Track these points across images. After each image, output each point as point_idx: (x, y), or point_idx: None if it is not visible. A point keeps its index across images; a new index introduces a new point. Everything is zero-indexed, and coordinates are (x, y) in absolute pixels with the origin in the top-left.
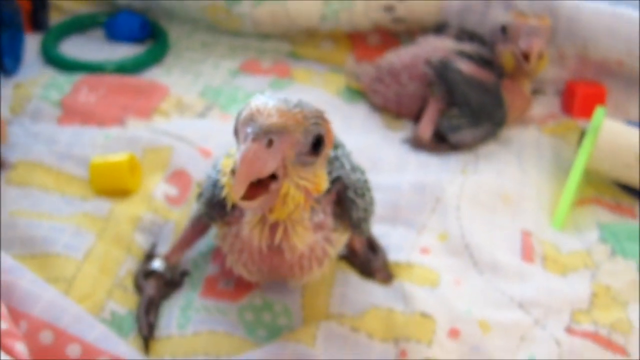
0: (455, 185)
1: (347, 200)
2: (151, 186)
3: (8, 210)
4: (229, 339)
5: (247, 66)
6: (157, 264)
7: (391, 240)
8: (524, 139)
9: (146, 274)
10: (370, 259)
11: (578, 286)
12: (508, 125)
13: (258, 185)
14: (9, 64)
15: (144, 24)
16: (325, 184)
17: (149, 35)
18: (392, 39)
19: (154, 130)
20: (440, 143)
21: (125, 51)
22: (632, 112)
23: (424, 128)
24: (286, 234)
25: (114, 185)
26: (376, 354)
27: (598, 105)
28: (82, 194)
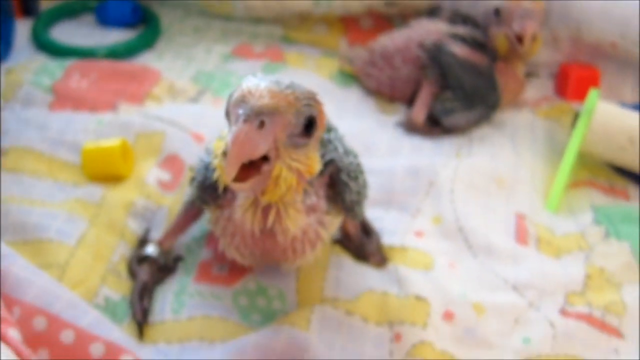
0: (449, 169)
1: (340, 183)
2: (144, 171)
3: (0, 196)
4: (223, 324)
5: (240, 50)
6: (151, 250)
7: (385, 224)
8: (517, 122)
9: (140, 259)
10: (364, 242)
11: (572, 268)
12: (502, 109)
13: (250, 167)
14: None
15: (135, 8)
16: (318, 166)
17: (140, 20)
18: (385, 23)
19: (146, 115)
20: (434, 126)
21: (116, 36)
22: (626, 95)
23: (418, 112)
24: (279, 217)
25: (106, 171)
26: (371, 337)
27: (592, 87)
28: (75, 179)
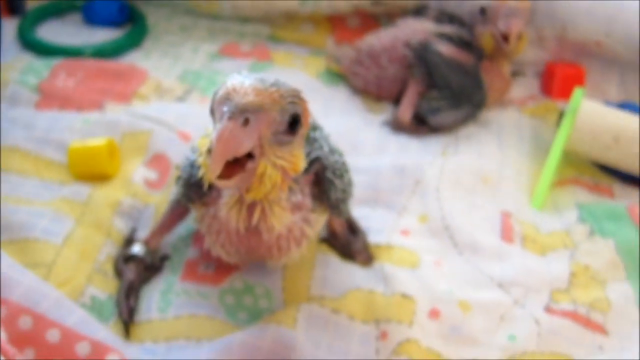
0: (435, 167)
1: (326, 181)
2: (130, 170)
3: None
4: (210, 322)
5: (227, 49)
6: (137, 249)
7: (371, 222)
8: (503, 121)
9: (126, 258)
10: (350, 241)
11: (557, 266)
12: (488, 107)
13: (235, 165)
14: None
15: (122, 7)
16: (303, 164)
17: (127, 19)
18: (372, 22)
19: (133, 114)
20: (420, 125)
21: (103, 35)
22: (611, 93)
23: (404, 110)
24: (263, 215)
25: (93, 170)
26: (357, 335)
27: (577, 86)
28: (61, 178)
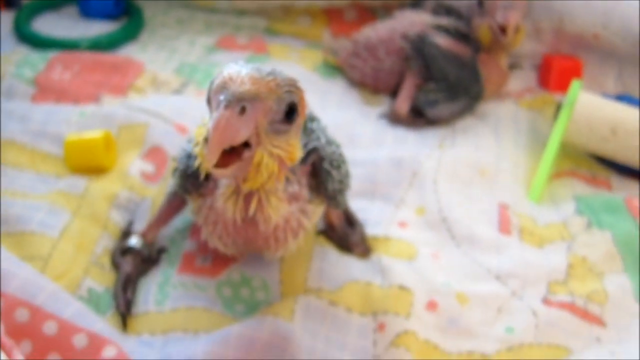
0: (433, 160)
1: (323, 172)
2: (127, 163)
3: None
4: (207, 315)
5: (223, 42)
6: (134, 241)
7: (369, 214)
8: (501, 113)
9: (123, 251)
10: (348, 233)
11: (554, 258)
12: (485, 100)
13: (231, 154)
14: None
15: (118, 0)
16: (299, 154)
17: (123, 12)
18: (369, 14)
19: (130, 107)
20: (418, 118)
21: (99, 28)
22: (608, 86)
23: (401, 103)
24: (260, 205)
25: (89, 163)
26: (355, 328)
27: (574, 78)
28: (57, 171)
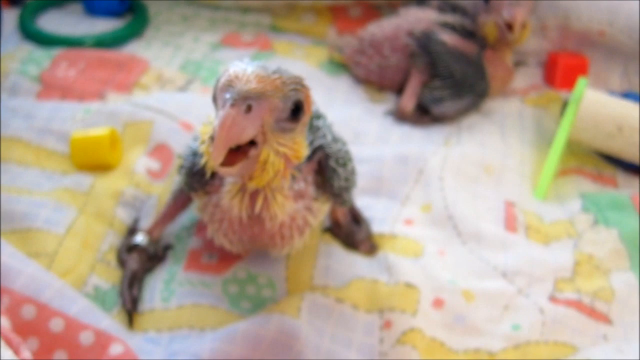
0: (438, 157)
1: (329, 169)
2: (132, 160)
3: None
4: (213, 312)
5: (228, 39)
6: (140, 239)
7: (375, 212)
8: (506, 111)
9: (129, 248)
10: (354, 230)
11: (561, 255)
12: (490, 97)
13: (237, 152)
14: None
15: None
16: (305, 151)
17: (127, 9)
18: (374, 11)
19: (135, 104)
20: (423, 115)
21: (104, 25)
22: (614, 83)
23: (407, 100)
24: (266, 203)
25: (94, 160)
26: (361, 325)
27: (580, 76)
28: (63, 168)
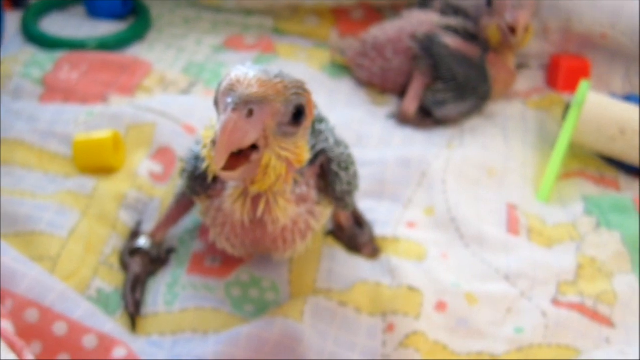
0: (441, 160)
1: (331, 173)
2: (135, 163)
3: None
4: (216, 315)
5: (231, 42)
6: (143, 242)
7: (377, 215)
8: (509, 113)
9: (132, 251)
10: (356, 233)
11: (564, 258)
12: (493, 100)
13: (239, 156)
14: None
15: (125, 0)
16: (307, 156)
17: (130, 11)
18: (376, 14)
19: (138, 107)
20: (426, 118)
21: (106, 28)
22: (616, 85)
23: (409, 103)
24: (268, 207)
25: (97, 163)
26: (364, 328)
27: (582, 78)
28: (66, 171)
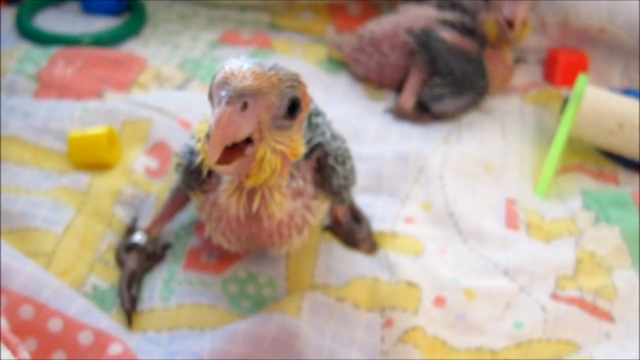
0: (439, 155)
1: (328, 167)
2: (131, 159)
3: None
4: (213, 311)
5: (227, 37)
6: (138, 238)
7: (375, 210)
8: (506, 108)
9: (127, 247)
10: (354, 229)
11: (562, 253)
12: (491, 95)
13: (233, 150)
14: None
15: None
16: (302, 149)
17: (125, 7)
18: (373, 9)
19: (133, 102)
20: (423, 113)
21: (101, 24)
22: (614, 80)
23: (406, 98)
24: (264, 201)
25: (93, 159)
26: (362, 323)
27: (580, 73)
28: (61, 168)
